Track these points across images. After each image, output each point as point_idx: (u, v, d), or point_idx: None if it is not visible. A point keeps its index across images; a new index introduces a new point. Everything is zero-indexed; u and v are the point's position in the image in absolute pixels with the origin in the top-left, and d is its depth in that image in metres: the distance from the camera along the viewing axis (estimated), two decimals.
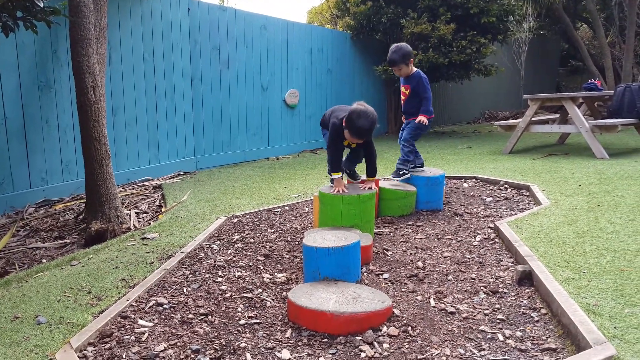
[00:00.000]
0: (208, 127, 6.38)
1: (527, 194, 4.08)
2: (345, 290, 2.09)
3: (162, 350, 1.80)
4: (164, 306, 2.18)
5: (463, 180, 4.81)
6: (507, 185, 4.42)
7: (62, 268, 2.78)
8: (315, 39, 8.05)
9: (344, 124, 2.91)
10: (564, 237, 2.74)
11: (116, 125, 5.15)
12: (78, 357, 1.74)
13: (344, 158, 3.28)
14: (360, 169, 3.39)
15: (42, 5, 2.94)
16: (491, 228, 3.18)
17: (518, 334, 1.86)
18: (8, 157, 4.16)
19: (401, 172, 3.70)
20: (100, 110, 3.61)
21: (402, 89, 3.85)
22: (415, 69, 3.76)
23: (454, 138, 8.89)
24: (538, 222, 3.07)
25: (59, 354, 1.75)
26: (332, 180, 3.07)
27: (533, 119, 6.62)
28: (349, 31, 9.13)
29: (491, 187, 4.42)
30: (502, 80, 12.97)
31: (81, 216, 3.94)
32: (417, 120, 3.71)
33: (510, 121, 6.67)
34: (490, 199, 4.00)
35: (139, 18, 5.33)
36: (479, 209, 3.71)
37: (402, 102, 3.93)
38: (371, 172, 3.24)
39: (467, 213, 3.62)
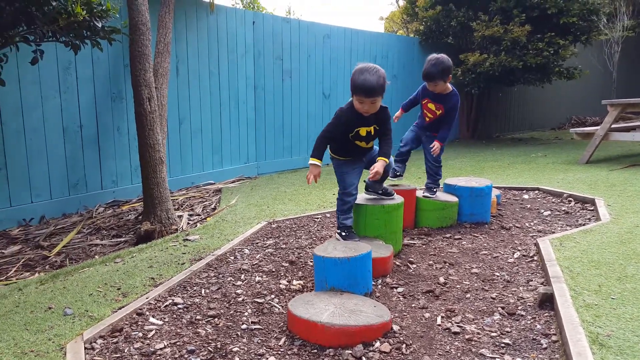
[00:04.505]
0: (270, 133, 6.58)
1: (592, 208, 3.75)
2: (347, 302, 2.07)
3: (160, 348, 1.90)
4: (179, 306, 2.30)
5: (524, 191, 4.53)
6: (570, 198, 4.09)
7: (105, 264, 3.03)
8: (381, 46, 7.99)
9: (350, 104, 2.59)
10: (608, 258, 2.49)
11: (182, 133, 5.49)
12: (85, 347, 1.89)
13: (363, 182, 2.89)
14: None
15: (100, 25, 3.23)
16: (535, 245, 2.97)
17: None
18: (83, 160, 4.61)
19: (435, 190, 3.57)
20: (155, 120, 3.88)
21: (432, 106, 3.45)
22: (451, 88, 3.41)
23: (531, 145, 8.36)
24: (586, 240, 2.81)
25: (70, 344, 1.92)
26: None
27: (615, 125, 6.06)
28: (417, 36, 8.95)
29: (553, 200, 4.13)
30: (591, 84, 11.97)
31: (140, 217, 4.24)
32: (432, 148, 3.42)
33: (587, 128, 6.15)
34: (549, 212, 3.73)
35: (205, 32, 5.64)
36: (532, 224, 3.48)
37: (425, 119, 3.54)
38: (383, 151, 2.73)
39: (517, 227, 3.41)
